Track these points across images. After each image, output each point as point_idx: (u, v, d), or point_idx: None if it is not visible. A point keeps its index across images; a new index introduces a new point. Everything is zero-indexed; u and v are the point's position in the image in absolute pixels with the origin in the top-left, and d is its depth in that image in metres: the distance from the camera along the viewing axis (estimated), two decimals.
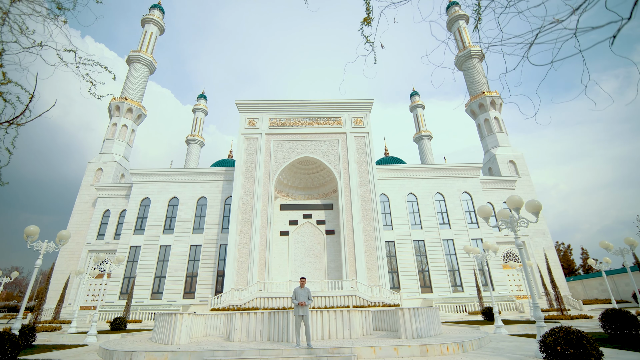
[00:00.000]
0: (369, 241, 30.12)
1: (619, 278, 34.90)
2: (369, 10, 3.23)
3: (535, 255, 34.48)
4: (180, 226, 33.43)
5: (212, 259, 32.11)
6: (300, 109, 35.62)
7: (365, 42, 3.33)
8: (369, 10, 3.22)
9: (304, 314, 9.46)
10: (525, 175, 39.21)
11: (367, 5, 3.20)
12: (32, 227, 13.31)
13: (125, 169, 41.12)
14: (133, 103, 43.18)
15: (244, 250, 29.84)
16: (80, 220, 36.28)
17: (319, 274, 31.64)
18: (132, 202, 34.33)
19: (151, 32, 48.97)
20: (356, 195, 31.72)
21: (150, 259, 31.94)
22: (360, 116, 35.64)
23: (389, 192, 34.88)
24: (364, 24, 3.25)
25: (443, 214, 34.33)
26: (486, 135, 43.00)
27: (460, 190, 35.12)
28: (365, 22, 3.26)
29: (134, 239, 32.85)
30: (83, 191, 37.89)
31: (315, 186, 36.14)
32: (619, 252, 18.55)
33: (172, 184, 35.19)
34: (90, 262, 33.39)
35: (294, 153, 33.74)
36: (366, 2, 3.19)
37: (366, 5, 3.20)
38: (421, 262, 32.21)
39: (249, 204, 31.65)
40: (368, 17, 3.23)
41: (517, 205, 10.52)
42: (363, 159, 33.55)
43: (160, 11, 51.55)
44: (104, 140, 41.74)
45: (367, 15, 3.24)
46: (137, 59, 45.98)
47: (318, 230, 33.75)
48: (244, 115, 35.51)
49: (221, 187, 35.17)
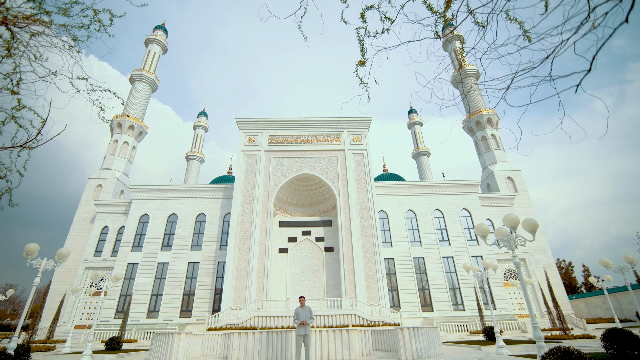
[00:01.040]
0: (368, 258, 29.96)
1: (622, 296, 34.54)
2: (363, 52, 3.51)
3: (536, 272, 34.23)
4: (179, 243, 33.27)
5: (209, 277, 31.79)
6: (299, 126, 36.17)
7: (360, 83, 3.61)
8: (363, 52, 3.51)
9: (306, 333, 9.42)
10: (524, 192, 39.43)
11: (361, 48, 3.49)
12: (32, 244, 13.32)
13: (125, 185, 41.25)
14: (135, 120, 43.78)
15: (242, 267, 29.61)
16: (78, 236, 36.08)
17: (317, 292, 31.27)
18: (131, 218, 34.28)
19: (154, 52, 50.22)
20: (355, 212, 31.78)
21: (147, 277, 31.60)
22: (359, 133, 36.17)
23: (387, 209, 34.95)
24: (358, 65, 3.54)
25: (442, 230, 34.30)
26: (484, 152, 43.51)
27: (459, 207, 35.24)
28: (360, 64, 3.53)
29: (132, 256, 32.60)
30: (82, 207, 37.86)
31: (314, 203, 36.23)
32: (619, 270, 18.52)
33: (171, 201, 35.25)
34: (87, 279, 32.99)
35: (293, 170, 34.02)
36: (361, 45, 3.49)
37: (361, 48, 3.48)
38: (421, 279, 31.92)
39: (247, 221, 31.64)
40: (363, 59, 3.52)
41: (514, 224, 10.66)
42: (362, 175, 33.82)
43: (164, 32, 53.06)
44: (105, 156, 42.07)
45: (362, 56, 3.52)
46: (140, 78, 46.95)
47: (317, 248, 33.59)
48: (244, 132, 36.01)
49: (220, 203, 35.23)
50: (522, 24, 3.01)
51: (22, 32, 4.52)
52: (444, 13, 3.10)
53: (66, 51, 5.13)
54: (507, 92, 2.84)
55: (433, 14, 3.21)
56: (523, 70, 2.67)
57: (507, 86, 2.78)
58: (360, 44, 3.51)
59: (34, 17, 4.40)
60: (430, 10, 3.24)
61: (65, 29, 4.88)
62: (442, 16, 3.12)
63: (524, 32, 2.94)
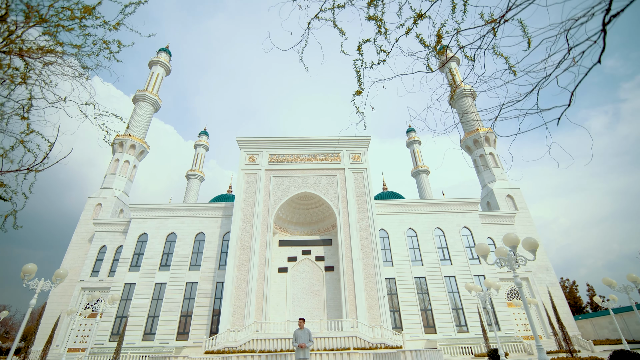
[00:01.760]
0: (369, 278, 29.55)
1: (629, 316, 33.78)
2: (360, 82, 3.71)
3: (540, 292, 33.65)
4: (177, 263, 32.89)
5: (208, 297, 31.23)
6: (299, 145, 36.58)
7: (357, 112, 3.80)
8: (360, 82, 3.71)
9: (305, 357, 9.22)
10: (524, 210, 39.36)
11: (358, 78, 3.69)
12: (30, 265, 13.25)
13: (125, 204, 41.21)
14: (136, 139, 44.29)
15: (241, 288, 29.15)
16: (76, 256, 35.68)
17: (318, 313, 30.64)
18: (130, 237, 34.05)
19: (158, 73, 51.45)
20: (355, 231, 31.62)
21: (144, 298, 31.04)
22: (358, 152, 36.53)
23: (388, 228, 34.79)
24: (355, 95, 3.73)
25: (443, 249, 34.01)
26: (482, 171, 43.75)
27: (459, 225, 35.09)
28: (357, 93, 3.73)
29: (129, 276, 32.14)
30: (81, 226, 37.65)
31: (314, 222, 36.11)
32: (623, 289, 18.27)
33: (170, 220, 35.14)
34: (82, 300, 32.37)
35: (293, 188, 34.12)
36: (358, 76, 3.69)
37: (357, 78, 3.69)
38: (423, 300, 31.35)
39: (247, 240, 31.42)
40: (360, 89, 3.72)
41: (514, 243, 10.66)
42: (361, 194, 33.89)
43: (168, 54, 54.55)
44: (106, 175, 42.25)
45: (359, 86, 3.72)
46: (143, 98, 47.86)
47: (317, 267, 33.19)
48: (244, 151, 36.37)
49: (220, 222, 35.10)
50: (507, 59, 3.21)
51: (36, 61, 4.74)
52: (435, 47, 3.30)
53: (76, 78, 5.35)
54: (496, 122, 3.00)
55: (425, 47, 3.42)
56: (509, 103, 2.84)
57: (495, 117, 2.95)
58: (357, 74, 3.71)
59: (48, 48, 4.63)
60: (423, 44, 3.46)
61: (76, 57, 5.12)
62: (434, 49, 3.33)
63: (509, 67, 3.14)
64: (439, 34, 3.36)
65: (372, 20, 3.42)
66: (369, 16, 3.43)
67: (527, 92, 2.74)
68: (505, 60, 3.19)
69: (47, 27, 4.37)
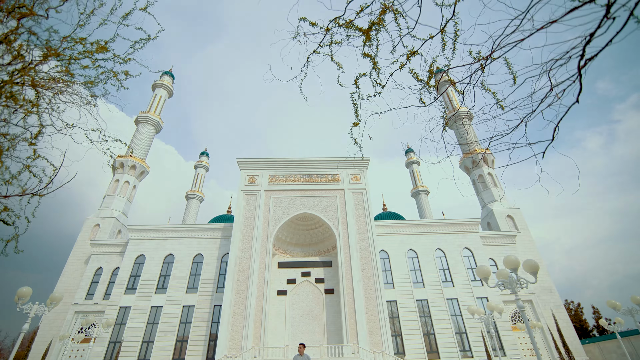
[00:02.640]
0: (369, 301, 28.95)
1: (637, 340, 32.81)
2: (357, 114, 3.90)
3: (544, 315, 32.87)
4: (174, 285, 32.28)
5: (204, 321, 30.43)
6: (299, 166, 36.85)
7: (354, 143, 3.97)
8: (357, 114, 3.90)
9: None
10: (525, 230, 39.14)
11: (355, 110, 3.88)
12: (25, 288, 13.08)
13: (123, 225, 40.94)
14: (137, 160, 44.61)
15: (239, 311, 28.48)
16: (71, 278, 35.07)
17: (318, 337, 29.79)
18: (127, 259, 33.60)
19: (160, 96, 52.53)
20: (355, 252, 31.29)
21: (139, 322, 30.23)
22: (358, 173, 36.74)
23: (388, 249, 34.46)
24: (352, 127, 3.91)
25: (445, 271, 33.53)
26: (482, 191, 43.86)
27: (460, 246, 34.78)
28: (354, 125, 3.91)
29: (125, 299, 31.45)
30: (77, 248, 37.23)
31: (313, 243, 35.80)
32: (628, 311, 17.92)
33: (168, 241, 34.81)
34: (76, 324, 31.49)
35: (292, 209, 34.06)
36: (355, 108, 3.88)
37: (355, 110, 3.88)
38: (426, 323, 30.57)
39: (246, 262, 31.02)
40: (357, 121, 3.90)
41: (515, 265, 10.59)
42: (361, 214, 33.80)
43: (171, 77, 55.94)
44: (105, 196, 42.23)
45: (356, 117, 3.90)
46: (145, 120, 48.62)
47: (317, 290, 32.58)
48: (245, 172, 36.58)
49: (218, 243, 34.77)
50: (495, 94, 3.40)
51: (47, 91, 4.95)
52: (427, 81, 3.51)
53: (84, 106, 5.55)
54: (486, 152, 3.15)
55: (418, 81, 3.63)
56: (498, 135, 3.00)
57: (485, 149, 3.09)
58: (354, 106, 3.90)
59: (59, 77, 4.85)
60: (416, 79, 3.66)
61: (85, 87, 5.34)
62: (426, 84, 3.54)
63: (497, 102, 3.32)
64: (430, 69, 3.58)
65: (367, 57, 3.65)
66: (365, 53, 3.66)
67: (515, 126, 2.91)
68: (493, 95, 3.38)
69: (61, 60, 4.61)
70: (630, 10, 2.28)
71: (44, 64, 4.49)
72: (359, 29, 3.49)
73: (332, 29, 3.56)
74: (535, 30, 2.57)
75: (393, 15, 3.41)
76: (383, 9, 3.34)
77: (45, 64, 4.48)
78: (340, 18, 3.47)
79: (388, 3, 3.32)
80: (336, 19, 3.49)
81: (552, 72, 2.64)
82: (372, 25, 3.39)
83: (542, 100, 2.74)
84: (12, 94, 4.25)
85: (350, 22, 3.47)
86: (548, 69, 2.66)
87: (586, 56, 2.41)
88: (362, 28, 3.48)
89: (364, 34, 3.48)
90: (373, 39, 3.50)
